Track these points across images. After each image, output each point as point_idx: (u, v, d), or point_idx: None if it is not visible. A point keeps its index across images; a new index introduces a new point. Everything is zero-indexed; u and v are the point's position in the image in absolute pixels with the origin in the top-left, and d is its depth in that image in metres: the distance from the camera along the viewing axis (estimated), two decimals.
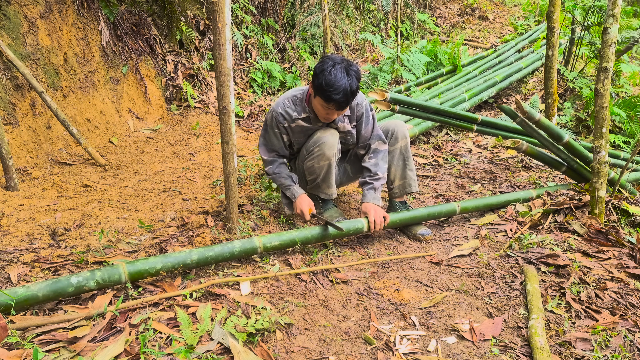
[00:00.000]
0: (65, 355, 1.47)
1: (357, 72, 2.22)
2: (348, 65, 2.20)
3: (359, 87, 2.25)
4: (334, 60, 2.20)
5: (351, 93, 2.17)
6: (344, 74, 2.15)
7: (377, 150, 2.54)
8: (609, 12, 2.32)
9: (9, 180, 2.92)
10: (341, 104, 2.19)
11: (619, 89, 5.21)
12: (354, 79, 2.18)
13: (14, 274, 1.98)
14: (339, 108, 2.23)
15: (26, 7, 3.40)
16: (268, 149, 2.59)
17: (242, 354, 1.51)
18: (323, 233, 2.28)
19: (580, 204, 2.61)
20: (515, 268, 2.17)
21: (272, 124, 2.49)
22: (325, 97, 2.18)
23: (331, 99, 2.16)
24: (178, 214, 2.72)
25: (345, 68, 2.18)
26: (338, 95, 2.14)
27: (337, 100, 2.16)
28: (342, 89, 2.13)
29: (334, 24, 6.95)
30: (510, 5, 11.36)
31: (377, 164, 2.52)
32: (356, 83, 2.20)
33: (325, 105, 2.23)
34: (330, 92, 2.14)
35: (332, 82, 2.13)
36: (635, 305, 1.86)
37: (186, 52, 5.17)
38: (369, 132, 2.55)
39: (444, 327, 1.78)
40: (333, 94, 2.14)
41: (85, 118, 3.90)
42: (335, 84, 2.12)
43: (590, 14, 5.00)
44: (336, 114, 2.31)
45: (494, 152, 4.29)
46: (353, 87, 2.17)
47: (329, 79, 2.13)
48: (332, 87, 2.13)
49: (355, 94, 2.22)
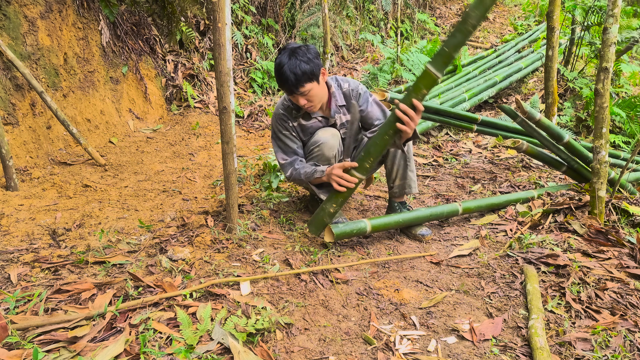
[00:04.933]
0: (65, 355, 1.47)
1: (306, 52, 2.22)
2: (295, 48, 2.25)
3: (312, 67, 2.22)
4: (284, 48, 2.28)
5: (294, 75, 2.18)
6: (286, 57, 2.21)
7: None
8: (609, 12, 2.32)
9: (9, 180, 2.92)
10: (290, 87, 2.22)
11: (619, 89, 5.21)
12: (298, 61, 2.19)
13: (14, 274, 1.98)
14: (290, 92, 2.26)
15: (26, 7, 3.40)
16: (285, 152, 2.51)
17: (242, 354, 1.51)
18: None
19: (580, 204, 2.61)
20: (515, 268, 2.17)
21: (279, 128, 2.48)
22: (278, 84, 2.29)
23: (280, 83, 2.26)
24: (178, 214, 2.72)
25: (291, 51, 2.23)
26: (282, 77, 2.21)
27: (284, 83, 2.22)
28: (283, 71, 2.20)
29: (334, 24, 6.95)
30: (510, 5, 11.36)
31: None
32: (301, 64, 2.18)
33: (286, 93, 2.32)
34: (277, 77, 2.25)
35: (276, 66, 2.24)
36: (635, 305, 1.85)
37: (186, 52, 5.18)
38: (377, 111, 2.50)
39: (444, 327, 1.78)
40: (278, 78, 2.24)
41: (85, 118, 3.90)
42: (277, 68, 2.22)
43: (590, 14, 5.00)
44: (301, 99, 2.28)
45: (494, 152, 4.29)
46: (294, 69, 2.18)
47: (275, 65, 2.25)
48: (276, 72, 2.24)
49: (301, 75, 2.19)
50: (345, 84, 2.49)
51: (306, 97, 2.28)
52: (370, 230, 2.40)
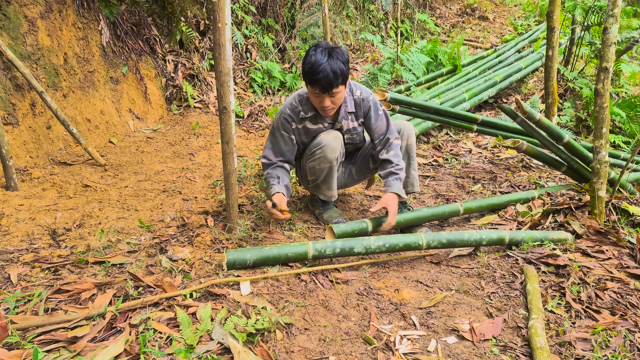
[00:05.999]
0: (65, 355, 1.47)
1: (342, 54, 2.22)
2: (331, 49, 2.22)
3: (347, 70, 2.23)
4: (318, 46, 2.25)
5: (333, 73, 2.16)
6: (325, 56, 2.18)
7: (395, 145, 2.49)
8: (609, 12, 2.32)
9: (9, 180, 2.92)
10: (324, 86, 2.19)
11: (619, 89, 5.21)
12: (336, 60, 2.18)
13: (14, 274, 1.98)
14: (323, 90, 2.22)
15: (26, 7, 3.40)
16: (275, 152, 2.51)
17: (242, 354, 1.51)
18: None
19: (580, 204, 2.61)
20: (515, 268, 2.17)
21: (279, 126, 2.47)
22: (309, 80, 2.22)
23: (313, 80, 2.19)
24: (178, 214, 2.72)
25: (328, 50, 2.20)
26: (318, 75, 2.16)
27: (319, 80, 2.17)
28: (321, 69, 2.15)
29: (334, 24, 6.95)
30: (510, 5, 11.36)
31: (398, 155, 2.47)
32: (339, 64, 2.18)
33: (312, 90, 2.26)
34: (312, 73, 2.18)
35: (313, 63, 2.17)
36: (635, 305, 1.85)
37: (186, 52, 5.18)
38: (383, 125, 2.50)
39: (444, 327, 1.78)
40: (314, 75, 2.17)
41: (85, 118, 3.90)
42: (315, 65, 2.16)
43: (590, 14, 5.00)
44: (328, 100, 2.27)
45: (494, 152, 4.29)
46: (334, 67, 2.17)
47: (310, 61, 2.19)
48: (312, 69, 2.17)
49: (339, 76, 2.19)
50: (358, 91, 2.48)
51: (333, 98, 2.27)
52: (371, 231, 2.41)
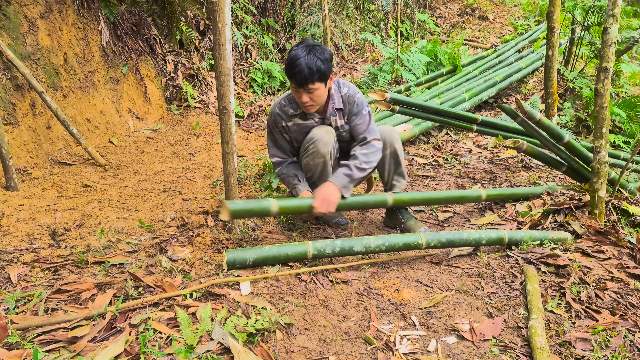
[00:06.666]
0: (65, 355, 1.47)
1: (322, 52, 2.25)
2: (313, 46, 2.27)
3: (326, 68, 2.25)
4: (302, 42, 2.31)
5: (308, 69, 2.20)
6: (304, 51, 2.23)
7: (371, 144, 2.45)
8: (609, 12, 2.32)
9: (9, 180, 2.92)
10: (299, 81, 2.23)
11: (619, 89, 5.21)
12: (313, 57, 2.21)
13: (14, 274, 1.98)
14: (298, 85, 2.25)
15: (26, 7, 3.40)
16: (277, 149, 2.59)
17: (242, 354, 1.51)
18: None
19: (580, 204, 2.61)
20: (515, 268, 2.17)
21: (273, 125, 2.52)
22: (287, 74, 2.29)
23: (290, 74, 2.26)
24: (178, 214, 2.72)
25: (309, 47, 2.25)
26: (294, 69, 2.21)
27: (294, 75, 2.22)
28: (297, 64, 2.20)
29: (334, 24, 6.95)
30: (510, 5, 11.36)
31: (367, 155, 2.42)
32: (316, 61, 2.21)
33: (291, 84, 2.31)
34: (289, 67, 2.25)
35: (291, 58, 2.24)
36: (635, 305, 1.85)
37: (186, 52, 5.18)
38: (364, 125, 2.48)
39: (444, 327, 1.78)
40: (291, 69, 2.23)
41: (85, 118, 3.90)
42: (293, 60, 2.22)
43: (590, 14, 5.00)
44: (305, 95, 2.28)
45: (494, 152, 4.29)
46: (310, 63, 2.20)
47: (290, 55, 2.26)
48: (290, 63, 2.24)
49: (315, 72, 2.21)
50: (345, 88, 2.49)
51: (311, 95, 2.29)
52: (277, 212, 2.20)
